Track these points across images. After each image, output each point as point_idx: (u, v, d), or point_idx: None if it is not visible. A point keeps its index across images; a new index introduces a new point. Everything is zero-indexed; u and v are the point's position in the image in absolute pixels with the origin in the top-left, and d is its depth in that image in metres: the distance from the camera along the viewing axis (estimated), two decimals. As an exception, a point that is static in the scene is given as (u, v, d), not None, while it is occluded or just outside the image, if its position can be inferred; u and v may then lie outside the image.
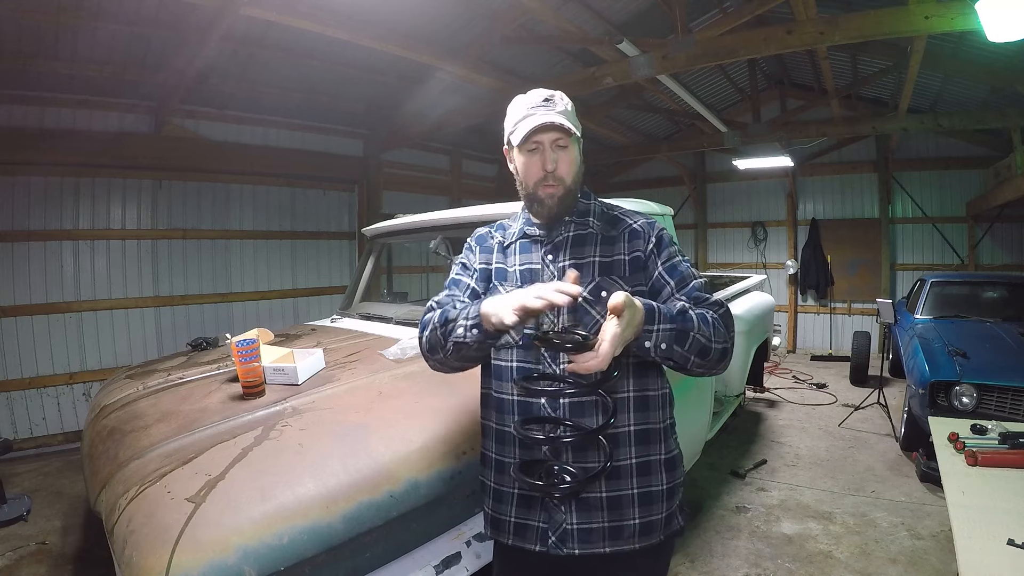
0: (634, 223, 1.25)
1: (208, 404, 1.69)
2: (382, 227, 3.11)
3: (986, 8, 2.73)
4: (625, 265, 1.21)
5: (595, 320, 1.16)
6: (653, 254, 1.21)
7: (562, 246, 1.23)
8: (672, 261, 1.22)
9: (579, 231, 1.25)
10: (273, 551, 1.08)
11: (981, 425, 2.22)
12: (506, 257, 1.29)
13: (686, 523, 1.28)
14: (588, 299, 1.17)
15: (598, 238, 1.24)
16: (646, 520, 1.18)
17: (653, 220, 1.27)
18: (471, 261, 1.34)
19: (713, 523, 3.08)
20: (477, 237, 1.39)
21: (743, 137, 6.61)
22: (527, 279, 1.23)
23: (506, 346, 1.23)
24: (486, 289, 1.29)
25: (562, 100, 1.20)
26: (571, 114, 1.20)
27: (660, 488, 1.20)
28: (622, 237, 1.23)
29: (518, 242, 1.29)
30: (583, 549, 1.17)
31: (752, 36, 3.88)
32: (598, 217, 1.27)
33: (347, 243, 6.62)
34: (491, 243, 1.34)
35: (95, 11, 3.59)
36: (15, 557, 2.76)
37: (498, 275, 1.28)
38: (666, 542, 1.23)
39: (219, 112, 5.30)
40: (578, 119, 1.24)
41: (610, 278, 1.19)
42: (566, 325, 1.11)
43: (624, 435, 1.18)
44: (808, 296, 8.28)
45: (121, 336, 4.84)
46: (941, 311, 4.93)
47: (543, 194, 1.21)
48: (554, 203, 1.21)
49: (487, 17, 4.42)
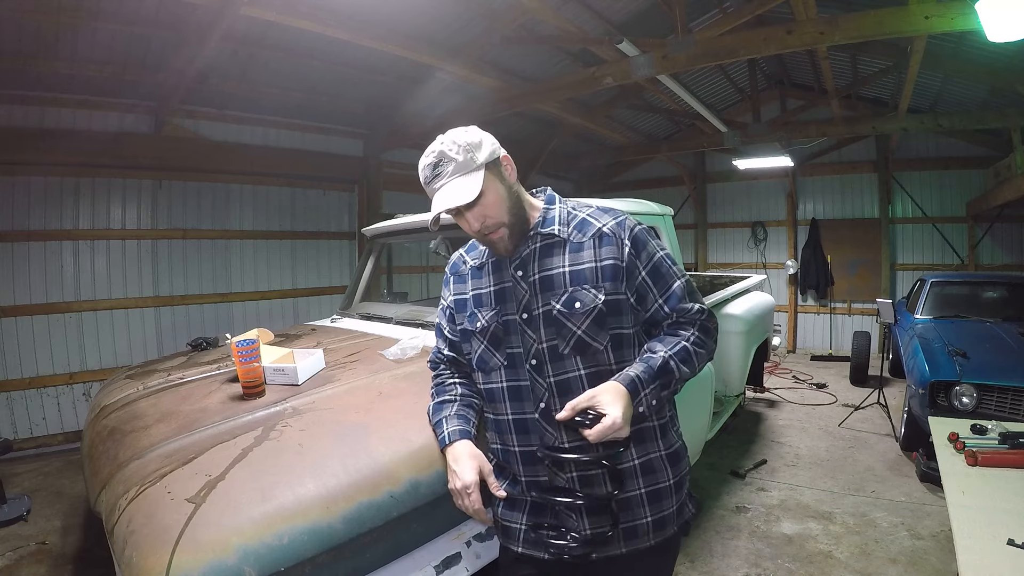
0: (603, 226, 1.21)
1: (208, 404, 1.69)
2: (382, 227, 3.11)
3: (986, 8, 2.73)
4: (597, 272, 1.18)
5: (572, 332, 1.17)
6: (632, 258, 1.18)
7: (530, 259, 1.22)
8: (653, 263, 1.21)
9: (545, 241, 1.23)
10: (273, 551, 1.07)
11: (981, 425, 2.22)
12: (480, 280, 1.30)
13: (697, 509, 1.30)
14: (563, 311, 1.17)
15: (566, 246, 1.21)
16: (658, 516, 1.20)
17: (623, 218, 1.23)
18: (446, 299, 1.40)
19: (713, 523, 3.08)
20: (451, 266, 1.42)
21: (743, 137, 6.61)
22: (501, 299, 1.25)
23: (494, 368, 1.26)
24: (463, 319, 1.32)
25: (451, 152, 1.12)
26: (467, 165, 1.12)
27: (667, 483, 1.21)
28: (591, 243, 1.20)
29: (489, 263, 1.29)
30: (600, 552, 1.18)
31: (752, 36, 3.88)
32: (564, 223, 1.24)
33: (347, 243, 6.62)
34: (464, 269, 1.36)
35: (95, 11, 3.59)
36: (15, 557, 2.76)
37: (475, 302, 1.30)
38: (680, 530, 1.26)
39: (219, 112, 5.30)
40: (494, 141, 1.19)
41: (581, 288, 1.17)
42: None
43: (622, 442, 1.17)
44: (808, 296, 8.29)
45: (121, 336, 4.84)
46: (941, 311, 4.93)
47: (492, 240, 1.20)
48: (506, 242, 1.20)
49: (487, 17, 4.42)
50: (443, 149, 1.14)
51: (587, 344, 1.17)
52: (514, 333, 1.22)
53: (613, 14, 4.97)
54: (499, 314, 1.24)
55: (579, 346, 1.17)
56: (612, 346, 1.18)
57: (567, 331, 1.17)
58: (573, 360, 1.18)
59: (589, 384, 1.16)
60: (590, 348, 1.17)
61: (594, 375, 1.17)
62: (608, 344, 1.18)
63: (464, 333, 1.32)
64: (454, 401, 1.34)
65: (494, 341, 1.25)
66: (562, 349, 1.18)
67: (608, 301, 1.17)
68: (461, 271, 1.37)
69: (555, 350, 1.18)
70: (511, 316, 1.23)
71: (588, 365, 1.18)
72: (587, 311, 1.16)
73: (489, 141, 1.19)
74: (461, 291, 1.34)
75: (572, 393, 1.15)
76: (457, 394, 1.35)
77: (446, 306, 1.39)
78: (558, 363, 1.18)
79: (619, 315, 1.19)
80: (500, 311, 1.24)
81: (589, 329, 1.17)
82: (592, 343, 1.17)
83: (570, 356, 1.18)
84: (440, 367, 1.42)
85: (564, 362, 1.18)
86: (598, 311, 1.16)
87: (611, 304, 1.17)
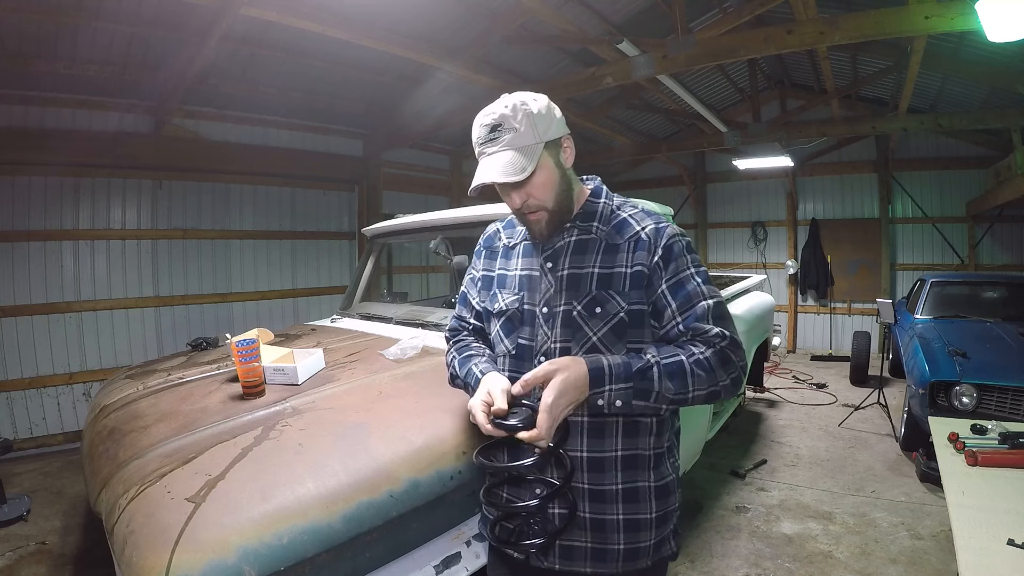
0: (642, 230, 1.13)
1: (208, 404, 1.69)
2: (382, 227, 3.11)
3: (986, 8, 2.73)
4: (625, 279, 1.11)
5: (588, 336, 1.11)
6: (659, 268, 1.10)
7: (562, 252, 1.17)
8: (679, 277, 1.10)
9: (581, 236, 1.17)
10: (273, 551, 1.07)
11: (981, 425, 2.21)
12: (509, 260, 1.26)
13: (679, 548, 1.23)
14: (583, 314, 1.12)
15: (601, 246, 1.15)
16: (632, 546, 1.11)
17: (664, 226, 1.13)
18: (476, 270, 1.34)
19: (713, 523, 3.08)
20: (485, 238, 1.36)
21: (743, 137, 6.61)
22: (524, 286, 1.20)
23: (500, 354, 1.23)
24: (485, 296, 1.29)
25: (513, 120, 1.05)
26: (529, 130, 1.06)
27: (648, 516, 1.12)
28: (627, 246, 1.13)
29: (522, 244, 1.25)
30: (564, 566, 1.13)
31: (752, 36, 3.88)
32: (604, 221, 1.17)
33: (347, 243, 6.62)
34: (497, 245, 1.32)
35: (95, 11, 3.59)
36: (15, 557, 2.76)
37: (499, 282, 1.26)
38: (655, 567, 1.16)
39: (219, 112, 5.30)
40: (562, 119, 1.13)
41: (606, 292, 1.11)
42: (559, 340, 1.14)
43: (610, 460, 1.11)
44: (808, 296, 8.28)
45: (121, 336, 4.84)
46: (941, 311, 4.93)
47: (529, 221, 1.16)
48: (542, 227, 1.15)
49: (487, 17, 4.42)
50: (506, 113, 1.06)
51: (601, 353, 1.09)
52: (529, 324, 1.17)
53: (613, 14, 4.97)
54: (521, 301, 1.19)
55: (592, 353, 1.09)
56: None
57: (582, 335, 1.11)
58: None
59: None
60: None
61: None
62: None
63: (485, 312, 1.29)
64: (482, 355, 1.24)
65: (507, 326, 1.21)
66: (575, 352, 1.11)
67: (632, 311, 1.10)
68: (495, 246, 1.32)
69: (567, 352, 1.12)
70: (531, 306, 1.18)
71: None
72: (607, 318, 1.10)
73: (558, 117, 1.11)
74: (489, 267, 1.30)
75: None
76: (484, 352, 1.27)
77: (477, 277, 1.33)
78: None
79: (640, 328, 1.11)
80: (523, 298, 1.19)
81: (606, 337, 1.10)
82: (606, 353, 1.09)
83: None
84: (462, 333, 1.34)
85: None
86: (619, 320, 1.10)
87: (634, 315, 1.10)
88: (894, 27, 3.31)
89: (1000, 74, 4.77)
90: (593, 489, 1.11)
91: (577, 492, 1.12)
